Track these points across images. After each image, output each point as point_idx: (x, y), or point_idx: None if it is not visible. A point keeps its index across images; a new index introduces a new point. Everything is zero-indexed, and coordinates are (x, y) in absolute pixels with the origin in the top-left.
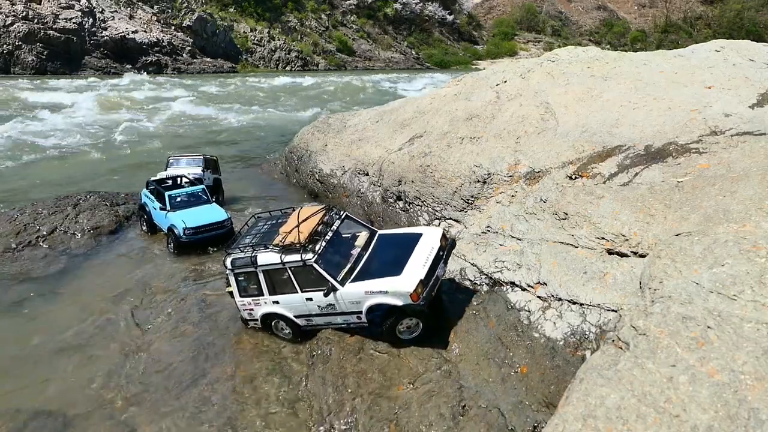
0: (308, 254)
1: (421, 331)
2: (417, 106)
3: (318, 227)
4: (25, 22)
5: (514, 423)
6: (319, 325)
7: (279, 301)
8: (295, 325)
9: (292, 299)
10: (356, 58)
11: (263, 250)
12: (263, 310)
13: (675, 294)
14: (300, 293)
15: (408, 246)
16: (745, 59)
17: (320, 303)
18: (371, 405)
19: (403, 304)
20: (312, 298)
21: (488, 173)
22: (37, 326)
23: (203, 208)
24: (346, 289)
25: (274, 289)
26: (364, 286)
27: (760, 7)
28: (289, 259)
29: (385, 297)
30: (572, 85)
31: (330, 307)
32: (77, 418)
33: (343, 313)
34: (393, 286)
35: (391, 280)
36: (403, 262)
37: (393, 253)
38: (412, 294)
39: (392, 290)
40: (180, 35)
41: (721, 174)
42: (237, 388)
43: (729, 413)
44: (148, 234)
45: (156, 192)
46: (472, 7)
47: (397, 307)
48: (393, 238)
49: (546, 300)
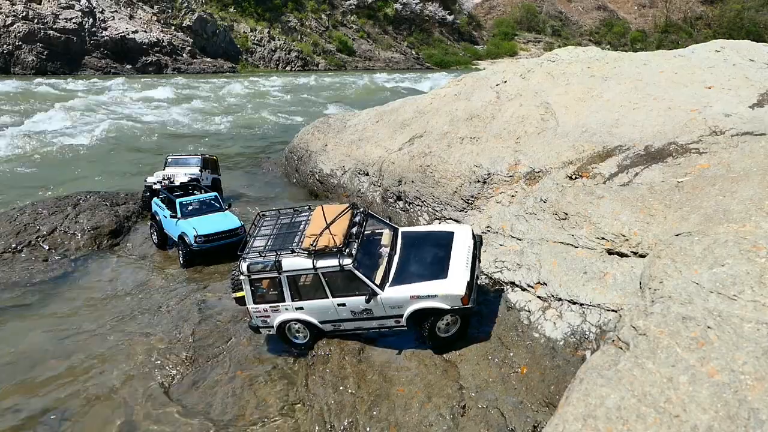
0: (346, 259)
1: (459, 329)
2: (417, 106)
3: (351, 228)
4: (25, 22)
5: (514, 423)
6: (348, 330)
7: (304, 308)
8: (316, 330)
9: (320, 305)
10: (356, 58)
11: (289, 254)
12: (283, 317)
13: (675, 294)
14: (331, 299)
15: (443, 246)
16: (745, 59)
17: (354, 308)
18: (371, 406)
19: (452, 307)
20: (345, 303)
21: (488, 173)
22: (37, 326)
23: (215, 216)
24: (388, 294)
25: (299, 295)
26: (409, 290)
27: (760, 7)
28: (323, 264)
29: (433, 301)
30: (572, 85)
31: (366, 312)
32: (77, 419)
33: (380, 318)
34: (442, 289)
35: (438, 283)
36: (444, 263)
37: (428, 253)
38: (462, 297)
39: (442, 294)
40: (180, 35)
41: (721, 174)
42: (237, 390)
43: (729, 413)
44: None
45: (167, 200)
46: (472, 7)
47: (444, 310)
48: (422, 237)
49: (546, 300)
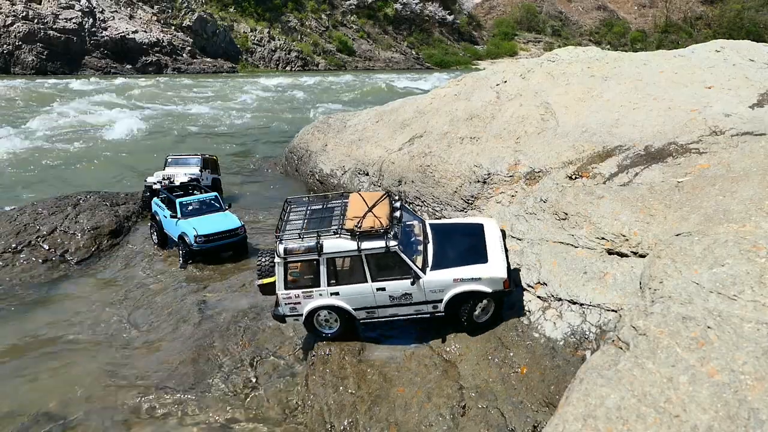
0: (392, 240)
1: (493, 313)
2: (417, 106)
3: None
4: (25, 22)
5: (514, 423)
6: (383, 317)
7: (339, 293)
8: (350, 318)
9: (357, 290)
10: (356, 58)
11: (332, 236)
12: (315, 303)
13: (675, 294)
14: (370, 283)
15: (476, 235)
16: (745, 59)
17: (393, 293)
18: (371, 406)
19: (494, 290)
20: (385, 287)
21: (488, 173)
22: (36, 327)
23: (216, 216)
24: (430, 278)
25: (336, 279)
26: (452, 274)
27: (760, 7)
28: (367, 246)
29: (477, 284)
30: (572, 85)
31: (405, 298)
32: (76, 418)
33: (419, 303)
34: (486, 273)
35: (482, 267)
36: (482, 250)
37: (464, 241)
38: (505, 281)
39: (486, 277)
40: (180, 35)
41: (721, 174)
42: (237, 391)
43: (729, 413)
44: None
45: (167, 200)
46: (472, 7)
47: (485, 293)
48: (451, 228)
49: (546, 300)
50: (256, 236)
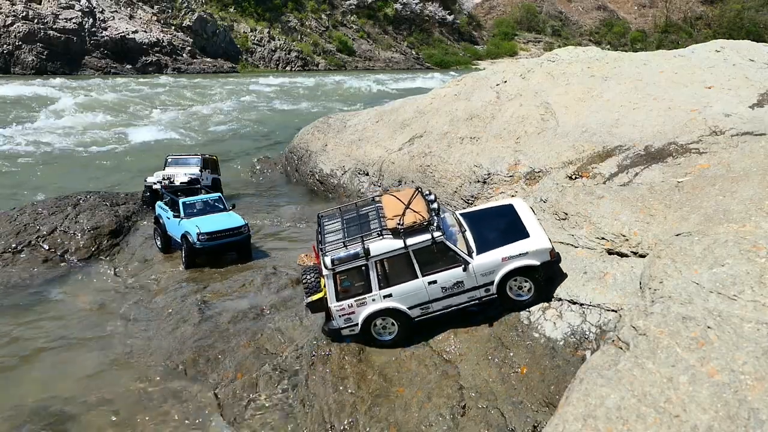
0: (437, 231)
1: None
2: (417, 106)
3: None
4: (25, 22)
5: (514, 423)
6: (436, 311)
7: (392, 294)
8: (406, 319)
9: (409, 288)
10: (356, 58)
11: (375, 238)
12: (370, 308)
13: (675, 294)
14: (421, 278)
15: (509, 214)
16: (745, 59)
17: (445, 284)
18: (371, 406)
19: (542, 262)
20: (436, 280)
21: (488, 173)
22: (36, 327)
23: (219, 215)
24: (479, 261)
25: (387, 280)
26: (500, 254)
27: (760, 7)
28: (414, 241)
29: (526, 259)
30: (572, 85)
31: (456, 286)
32: (76, 418)
33: (471, 290)
34: (532, 246)
35: (526, 242)
36: (521, 226)
37: (499, 223)
38: (551, 250)
39: (533, 250)
40: (180, 35)
41: (721, 174)
42: (237, 391)
43: (729, 413)
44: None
45: (170, 202)
46: (472, 7)
47: (534, 267)
48: (482, 213)
49: (546, 300)
50: (256, 236)
